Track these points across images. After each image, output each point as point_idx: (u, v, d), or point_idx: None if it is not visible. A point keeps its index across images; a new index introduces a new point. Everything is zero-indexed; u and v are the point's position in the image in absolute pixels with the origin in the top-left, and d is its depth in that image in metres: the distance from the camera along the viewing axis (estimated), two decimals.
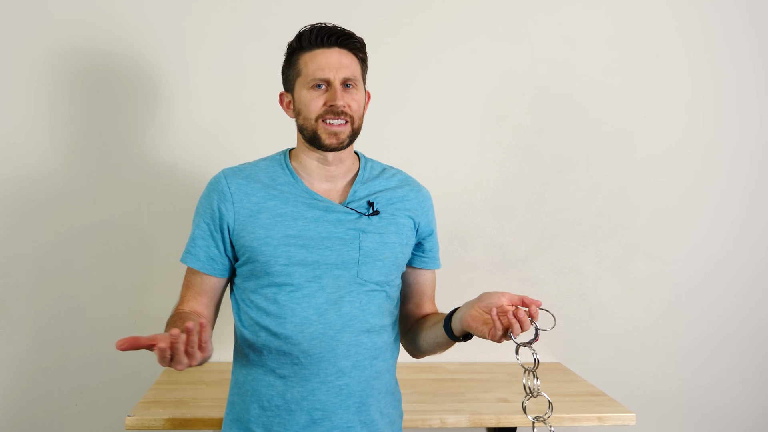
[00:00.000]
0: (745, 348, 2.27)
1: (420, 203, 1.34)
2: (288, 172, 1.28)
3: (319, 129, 1.22)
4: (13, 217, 1.99)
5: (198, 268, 1.27)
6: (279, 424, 1.23)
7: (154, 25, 2.01)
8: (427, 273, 1.40)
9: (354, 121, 1.24)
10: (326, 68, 1.21)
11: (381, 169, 1.35)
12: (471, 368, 2.09)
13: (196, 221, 1.28)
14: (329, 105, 1.21)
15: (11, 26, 1.97)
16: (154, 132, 2.04)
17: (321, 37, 1.23)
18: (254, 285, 1.25)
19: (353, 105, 1.23)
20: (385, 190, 1.31)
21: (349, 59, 1.24)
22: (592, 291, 2.22)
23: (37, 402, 2.03)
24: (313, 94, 1.22)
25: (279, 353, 1.22)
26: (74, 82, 2.00)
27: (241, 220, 1.23)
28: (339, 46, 1.24)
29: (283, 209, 1.24)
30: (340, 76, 1.22)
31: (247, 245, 1.23)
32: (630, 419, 1.72)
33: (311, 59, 1.23)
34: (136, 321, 2.05)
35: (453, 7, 2.11)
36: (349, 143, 1.25)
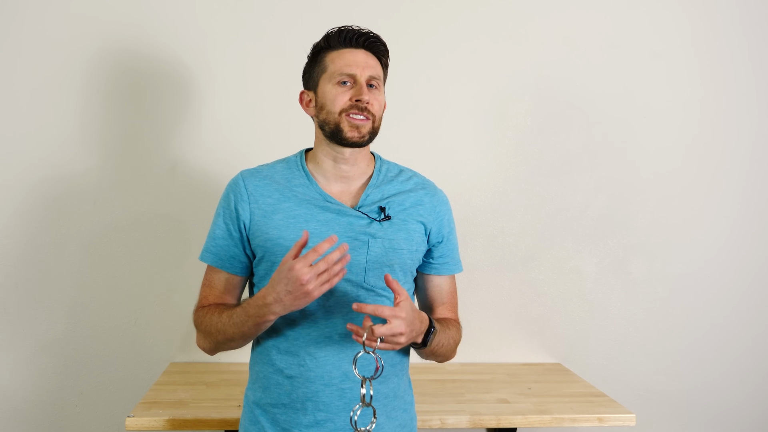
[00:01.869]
0: (745, 348, 2.27)
1: (433, 208, 1.34)
2: (303, 174, 1.30)
3: (343, 122, 1.24)
4: (13, 219, 1.99)
5: (220, 266, 1.30)
6: (285, 421, 1.25)
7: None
8: (437, 279, 1.38)
9: (375, 120, 1.26)
10: (353, 65, 1.25)
11: (397, 171, 1.36)
12: (471, 369, 2.09)
13: (216, 221, 1.31)
14: (355, 100, 1.23)
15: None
16: (153, 132, 2.04)
17: (350, 38, 1.27)
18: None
19: (375, 104, 1.26)
20: (399, 194, 1.31)
21: (375, 61, 1.28)
22: (592, 291, 2.22)
23: (37, 402, 2.03)
24: (338, 89, 1.25)
25: (287, 353, 1.25)
26: (75, 83, 2.00)
27: (256, 220, 1.26)
28: (365, 48, 1.28)
29: (296, 211, 1.26)
30: (366, 74, 1.25)
31: (261, 245, 1.26)
32: (630, 420, 1.72)
33: (338, 57, 1.26)
34: (136, 322, 2.05)
35: (453, 9, 2.11)
36: (369, 140, 1.27)
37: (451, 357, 1.37)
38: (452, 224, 1.38)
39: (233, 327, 1.22)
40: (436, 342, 1.26)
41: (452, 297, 1.40)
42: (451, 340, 1.32)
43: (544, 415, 1.71)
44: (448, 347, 1.32)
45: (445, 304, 1.38)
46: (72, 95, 2.00)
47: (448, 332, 1.31)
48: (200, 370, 2.00)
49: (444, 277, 1.38)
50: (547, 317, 2.21)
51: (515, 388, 1.91)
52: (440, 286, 1.38)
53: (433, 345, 1.25)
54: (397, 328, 1.11)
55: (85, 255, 2.02)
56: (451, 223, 1.38)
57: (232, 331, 1.22)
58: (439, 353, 1.30)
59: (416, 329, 1.17)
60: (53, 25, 1.98)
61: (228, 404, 1.71)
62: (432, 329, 1.23)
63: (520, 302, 2.19)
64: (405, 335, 1.13)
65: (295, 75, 1.40)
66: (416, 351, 1.29)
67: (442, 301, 1.39)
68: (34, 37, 1.98)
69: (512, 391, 1.88)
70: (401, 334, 1.12)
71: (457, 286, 1.42)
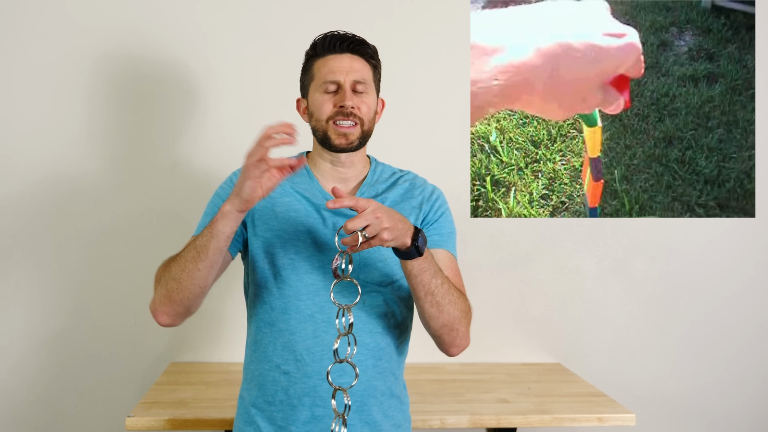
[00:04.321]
0: (745, 348, 2.27)
1: (425, 198, 1.34)
2: (305, 171, 1.33)
3: (330, 130, 1.26)
4: (13, 219, 1.99)
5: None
6: (282, 418, 1.25)
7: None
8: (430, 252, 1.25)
9: (364, 124, 1.27)
10: (337, 71, 1.26)
11: (391, 172, 1.38)
12: (471, 369, 2.09)
13: (215, 201, 1.31)
14: (339, 106, 1.25)
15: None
16: (153, 132, 2.04)
17: (333, 44, 1.28)
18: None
19: (363, 108, 1.27)
20: (391, 189, 1.33)
21: (360, 64, 1.29)
22: (592, 291, 2.22)
23: (37, 402, 2.03)
24: (324, 96, 1.27)
25: (283, 349, 1.25)
26: (75, 83, 2.00)
27: (257, 210, 1.28)
28: (351, 51, 1.28)
29: (296, 206, 1.29)
30: (350, 79, 1.26)
31: (260, 234, 1.27)
32: (630, 420, 1.72)
33: (324, 64, 1.28)
34: (136, 321, 2.05)
35: (452, 9, 2.10)
36: (359, 145, 1.28)
37: (461, 330, 1.23)
38: (446, 210, 1.34)
39: (188, 247, 1.17)
40: (433, 272, 1.15)
41: (455, 275, 1.29)
42: (453, 292, 1.20)
43: (544, 415, 1.71)
44: (452, 299, 1.19)
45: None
46: (72, 96, 2.00)
47: (449, 283, 1.20)
48: (200, 370, 2.00)
49: (439, 251, 1.29)
50: (547, 317, 2.21)
51: (515, 388, 1.91)
52: (435, 256, 1.23)
53: (430, 273, 1.15)
54: (373, 213, 1.03)
55: (85, 255, 2.02)
56: (444, 209, 1.34)
57: (186, 251, 1.17)
58: (441, 300, 1.18)
59: (398, 222, 1.08)
60: (54, 26, 1.99)
61: (228, 404, 1.71)
62: (419, 230, 1.13)
63: (520, 302, 2.19)
64: (384, 220, 1.04)
65: (294, 75, 1.40)
66: (413, 286, 1.16)
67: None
68: (36, 38, 1.98)
69: (512, 391, 1.88)
70: (378, 218, 1.04)
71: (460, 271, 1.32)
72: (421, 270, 1.15)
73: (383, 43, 2.03)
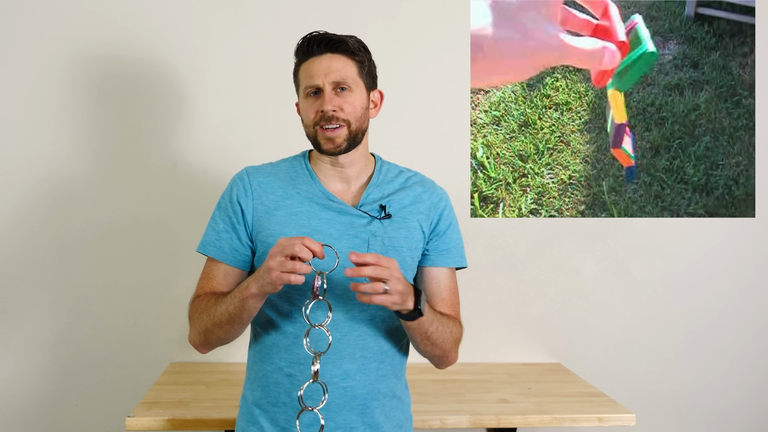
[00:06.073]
0: (745, 348, 2.27)
1: (433, 204, 1.34)
2: (306, 172, 1.32)
3: (318, 135, 1.26)
4: (13, 219, 1.99)
5: (222, 259, 1.29)
6: (285, 420, 1.25)
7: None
8: (435, 271, 1.33)
9: (351, 124, 1.25)
10: (315, 75, 1.25)
11: (397, 171, 1.37)
12: (471, 369, 2.09)
13: (219, 214, 1.31)
14: (320, 111, 1.24)
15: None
16: (153, 133, 2.04)
17: (311, 46, 1.26)
18: None
19: (346, 108, 1.25)
20: (399, 192, 1.32)
21: (341, 63, 1.26)
22: (592, 291, 2.22)
23: (38, 402, 2.03)
24: (308, 102, 1.27)
25: (287, 351, 1.25)
26: (75, 83, 2.00)
27: (259, 216, 1.27)
28: (330, 51, 1.26)
29: (299, 208, 1.27)
30: (329, 81, 1.24)
31: (263, 240, 1.26)
32: (630, 420, 1.72)
33: (305, 68, 1.28)
34: (136, 321, 2.05)
35: (453, 9, 2.11)
36: (348, 146, 1.27)
37: (451, 356, 1.32)
38: (453, 219, 1.37)
39: (221, 307, 1.21)
40: (430, 322, 1.21)
41: (452, 294, 1.35)
42: (447, 329, 1.26)
43: (544, 415, 1.71)
44: (446, 336, 1.26)
45: (444, 300, 1.33)
46: (72, 96, 2.00)
47: (444, 320, 1.26)
48: (200, 370, 2.00)
49: (442, 270, 1.34)
50: (547, 317, 2.21)
51: (515, 388, 1.91)
52: (438, 279, 1.33)
53: (428, 324, 1.21)
54: (390, 272, 1.09)
55: (85, 255, 2.02)
56: (451, 218, 1.36)
57: (220, 311, 1.21)
58: (436, 340, 1.24)
59: (402, 283, 1.13)
60: (52, 26, 1.99)
61: (228, 404, 1.71)
62: (419, 292, 1.18)
63: (520, 302, 2.19)
64: (390, 272, 1.10)
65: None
66: (411, 334, 1.24)
67: (441, 297, 1.34)
68: (32, 38, 1.98)
69: (512, 391, 1.88)
70: (386, 272, 1.09)
71: (458, 287, 1.38)
72: (419, 324, 1.20)
73: (383, 43, 2.04)
